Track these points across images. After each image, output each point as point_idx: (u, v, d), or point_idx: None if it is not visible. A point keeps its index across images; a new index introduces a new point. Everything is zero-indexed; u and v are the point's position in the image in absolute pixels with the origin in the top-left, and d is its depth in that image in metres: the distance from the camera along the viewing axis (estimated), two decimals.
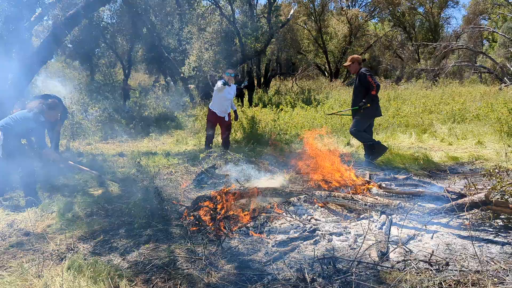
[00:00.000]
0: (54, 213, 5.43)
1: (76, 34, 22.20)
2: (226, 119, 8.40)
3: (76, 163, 7.05)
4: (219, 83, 8.04)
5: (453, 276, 3.26)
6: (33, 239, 4.57)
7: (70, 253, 4.10)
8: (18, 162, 5.94)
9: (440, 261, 3.53)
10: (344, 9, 33.04)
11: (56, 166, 7.49)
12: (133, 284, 3.45)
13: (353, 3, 35.50)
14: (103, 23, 23.92)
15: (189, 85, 18.53)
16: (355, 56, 7.71)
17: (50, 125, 7.54)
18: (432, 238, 4.15)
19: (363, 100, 7.32)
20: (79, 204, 5.75)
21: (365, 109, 7.37)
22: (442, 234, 4.22)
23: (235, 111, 8.73)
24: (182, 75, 17.91)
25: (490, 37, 38.75)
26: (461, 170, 7.10)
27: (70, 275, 3.44)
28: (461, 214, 4.31)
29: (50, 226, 5.00)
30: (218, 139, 9.64)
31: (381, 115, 7.90)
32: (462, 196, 4.61)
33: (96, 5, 9.21)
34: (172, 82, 23.68)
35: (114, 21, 24.23)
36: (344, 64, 7.77)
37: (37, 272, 3.62)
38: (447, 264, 3.49)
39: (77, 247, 4.31)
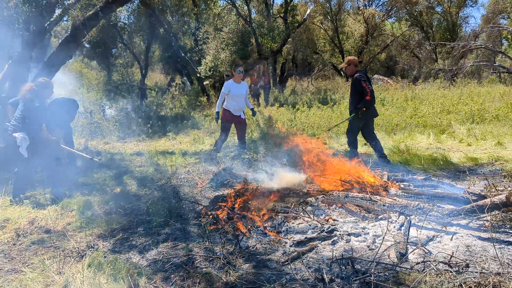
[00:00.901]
0: (74, 211, 5.52)
1: (94, 34, 22.44)
2: (243, 116, 8.45)
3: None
4: (225, 83, 8.25)
5: (474, 278, 3.23)
6: (53, 237, 4.64)
7: (90, 250, 4.15)
8: (42, 158, 6.14)
9: (460, 262, 3.49)
10: (360, 8, 32.81)
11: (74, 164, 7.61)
12: (152, 282, 3.49)
13: (370, 2, 35.20)
14: (120, 23, 24.14)
15: (204, 81, 18.54)
16: (352, 58, 7.83)
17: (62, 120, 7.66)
18: (451, 239, 4.10)
19: (358, 106, 7.50)
20: (98, 202, 5.83)
21: (360, 117, 7.59)
22: (462, 236, 4.17)
23: (252, 109, 8.76)
24: (198, 75, 18.00)
25: (509, 36, 38.04)
26: (481, 171, 7.00)
27: (91, 272, 3.50)
28: (481, 216, 4.26)
29: (70, 224, 5.08)
30: (234, 138, 9.66)
31: (377, 115, 8.08)
32: (482, 197, 4.56)
33: (114, 6, 9.30)
34: (188, 82, 23.80)
35: (131, 21, 24.45)
36: (340, 66, 7.94)
37: (58, 269, 3.67)
38: (467, 266, 3.45)
39: (96, 244, 4.37)
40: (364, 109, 7.46)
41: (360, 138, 8.19)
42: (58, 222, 5.17)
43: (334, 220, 4.78)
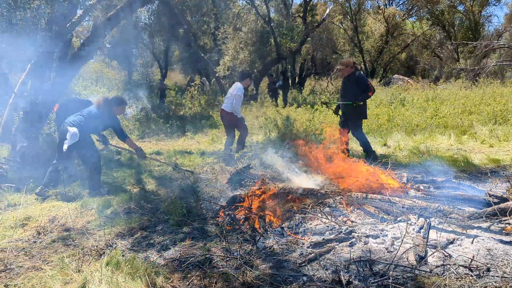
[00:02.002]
0: (93, 209, 5.58)
1: (114, 34, 22.69)
2: (239, 116, 8.62)
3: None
4: (240, 86, 8.41)
5: (495, 282, 3.17)
6: (73, 235, 4.70)
7: (109, 249, 4.19)
8: (86, 157, 6.36)
9: (481, 266, 3.43)
10: (381, 7, 32.53)
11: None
12: (170, 281, 3.50)
13: (390, 1, 34.91)
14: (140, 23, 24.36)
15: (218, 76, 18.55)
16: (348, 60, 8.56)
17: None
18: (472, 242, 4.02)
19: (359, 98, 7.98)
20: (117, 201, 5.88)
21: (359, 113, 8.08)
22: (483, 239, 4.10)
23: None
24: (217, 74, 18.06)
25: None
26: (503, 173, 6.88)
27: (109, 271, 3.52)
28: (504, 219, 4.17)
29: (89, 223, 5.14)
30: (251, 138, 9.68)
31: (366, 118, 8.44)
32: (504, 200, 4.47)
33: (135, 6, 9.38)
34: (207, 82, 23.91)
35: (151, 21, 24.64)
36: (338, 67, 8.42)
37: (77, 267, 3.71)
38: (488, 269, 3.39)
39: (115, 243, 4.41)
40: (361, 103, 7.94)
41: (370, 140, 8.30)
42: (78, 220, 5.24)
43: (352, 221, 4.75)
